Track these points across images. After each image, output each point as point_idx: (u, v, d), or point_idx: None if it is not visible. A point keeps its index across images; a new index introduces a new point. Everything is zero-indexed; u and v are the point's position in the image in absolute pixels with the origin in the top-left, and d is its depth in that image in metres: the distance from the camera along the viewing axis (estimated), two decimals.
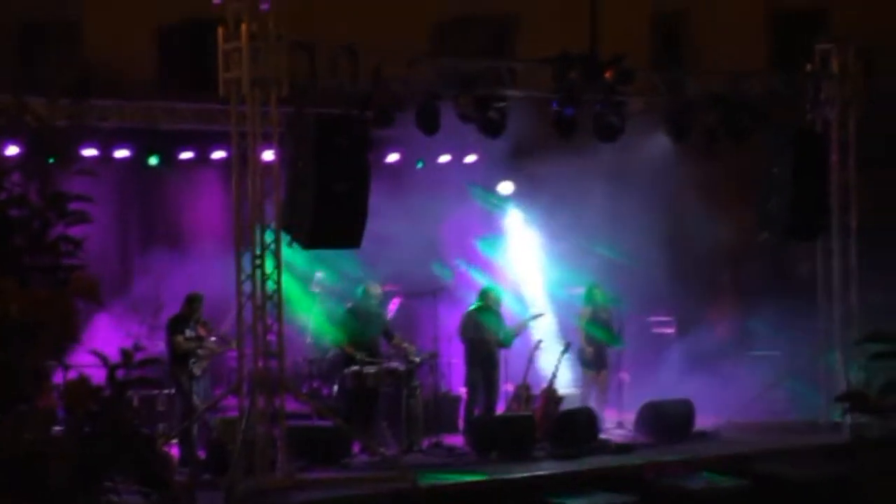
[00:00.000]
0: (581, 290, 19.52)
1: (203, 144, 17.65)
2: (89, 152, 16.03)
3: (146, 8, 22.63)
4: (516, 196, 20.74)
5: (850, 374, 18.57)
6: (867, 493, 16.60)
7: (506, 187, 20.50)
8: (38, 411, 6.85)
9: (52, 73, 17.67)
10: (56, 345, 6.12)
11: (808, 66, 19.26)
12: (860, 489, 16.64)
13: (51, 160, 8.55)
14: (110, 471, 7.11)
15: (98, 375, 6.84)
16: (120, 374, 7.17)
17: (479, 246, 20.17)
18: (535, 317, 19.21)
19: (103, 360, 7.27)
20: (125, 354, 7.34)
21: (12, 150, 8.62)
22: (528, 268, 20.39)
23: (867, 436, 17.60)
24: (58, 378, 6.99)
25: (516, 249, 20.49)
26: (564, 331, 19.54)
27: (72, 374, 7.25)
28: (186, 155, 17.87)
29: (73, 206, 8.22)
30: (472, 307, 18.41)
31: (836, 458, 17.47)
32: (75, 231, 8.34)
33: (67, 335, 6.20)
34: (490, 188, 20.65)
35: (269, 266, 15.56)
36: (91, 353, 7.27)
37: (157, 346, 15.66)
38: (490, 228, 20.33)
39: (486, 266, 19.93)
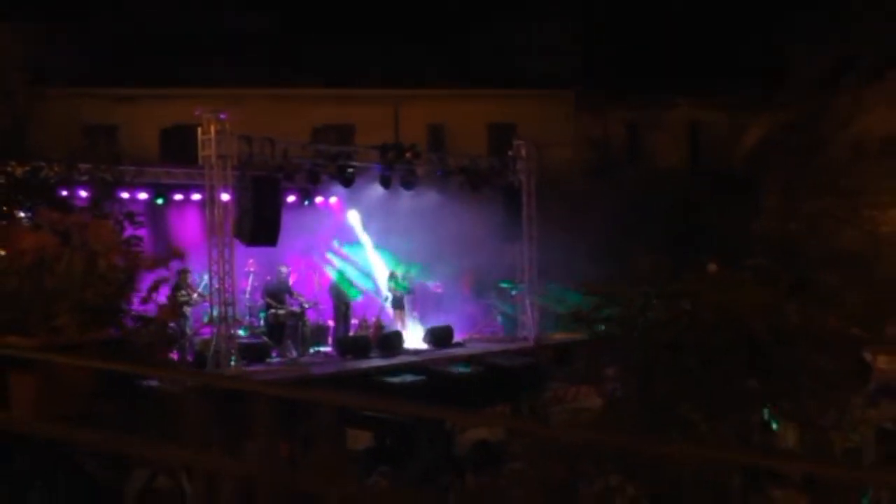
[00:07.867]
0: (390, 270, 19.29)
1: (188, 191, 17.10)
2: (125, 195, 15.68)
3: (153, 118, 22.37)
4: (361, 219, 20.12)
5: (535, 309, 19.04)
6: (542, 372, 17.10)
7: (353, 216, 19.69)
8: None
9: (99, 156, 16.83)
10: (129, 287, 6.29)
11: (510, 153, 19.60)
12: (540, 371, 17.15)
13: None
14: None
15: None
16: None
17: (341, 246, 19.66)
18: (363, 291, 19.02)
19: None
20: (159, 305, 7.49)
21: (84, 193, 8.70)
22: (366, 257, 19.92)
23: (547, 343, 18.25)
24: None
25: (360, 248, 19.93)
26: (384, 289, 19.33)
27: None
28: (178, 197, 17.26)
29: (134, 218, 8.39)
30: (336, 278, 18.40)
31: (527, 354, 18.18)
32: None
33: (134, 284, 6.40)
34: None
35: (226, 255, 15.49)
36: (141, 300, 7.34)
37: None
38: (347, 238, 19.71)
39: (344, 256, 19.59)
